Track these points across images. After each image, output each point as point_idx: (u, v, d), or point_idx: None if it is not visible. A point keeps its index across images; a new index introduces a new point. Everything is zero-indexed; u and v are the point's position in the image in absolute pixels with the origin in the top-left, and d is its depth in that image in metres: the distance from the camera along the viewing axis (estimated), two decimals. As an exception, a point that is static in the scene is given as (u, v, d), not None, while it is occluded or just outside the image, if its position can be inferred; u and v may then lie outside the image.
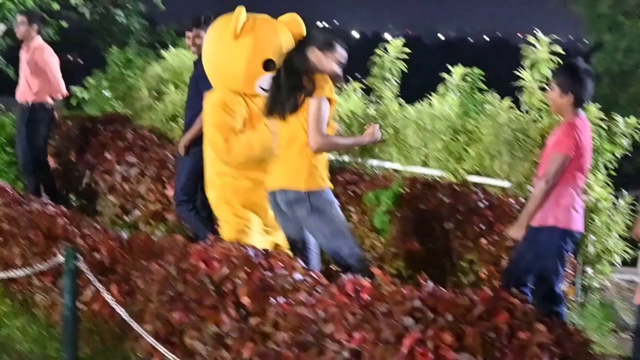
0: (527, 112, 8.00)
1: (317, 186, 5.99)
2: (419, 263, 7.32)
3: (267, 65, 6.57)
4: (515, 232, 6.00)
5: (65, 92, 9.99)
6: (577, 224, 5.91)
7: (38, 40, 10.00)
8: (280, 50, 6.55)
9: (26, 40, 10.05)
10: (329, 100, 5.94)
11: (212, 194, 6.85)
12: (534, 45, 7.86)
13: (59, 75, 9.89)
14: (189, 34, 8.03)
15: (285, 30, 6.74)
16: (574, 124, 5.80)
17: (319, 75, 5.97)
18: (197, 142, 7.45)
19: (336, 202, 6.12)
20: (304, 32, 6.77)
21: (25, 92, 9.99)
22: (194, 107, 7.59)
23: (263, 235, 6.77)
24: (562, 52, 7.75)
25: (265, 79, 6.56)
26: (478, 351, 3.89)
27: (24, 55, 10.09)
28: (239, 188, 6.66)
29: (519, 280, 5.90)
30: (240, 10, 6.52)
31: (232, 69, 6.63)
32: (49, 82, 9.89)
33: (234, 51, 6.59)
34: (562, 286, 6.27)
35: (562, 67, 6.40)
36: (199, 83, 7.48)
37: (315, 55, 6.06)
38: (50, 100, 9.95)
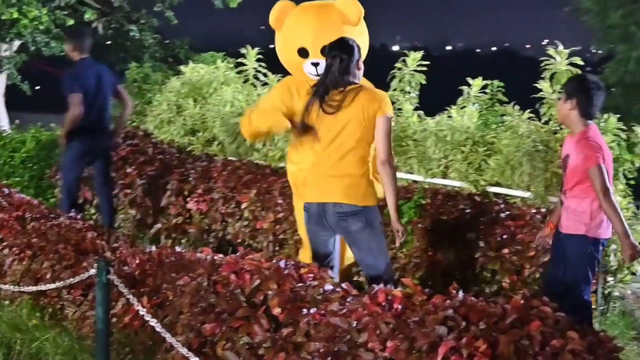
0: (546, 123, 8.06)
1: (374, 202, 6.02)
2: (441, 273, 7.38)
3: (301, 53, 6.75)
4: (631, 249, 5.78)
5: None
6: (607, 232, 5.96)
7: None
8: (312, 36, 6.66)
9: None
10: None
11: None
12: (552, 57, 7.92)
13: None
14: None
15: (327, 15, 6.78)
16: (588, 137, 5.84)
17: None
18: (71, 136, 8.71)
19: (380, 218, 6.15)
20: (360, 12, 6.74)
21: None
22: None
23: None
24: (582, 63, 7.80)
25: (307, 65, 6.73)
26: (512, 359, 3.96)
27: None
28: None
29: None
30: (277, 3, 6.89)
31: (282, 58, 7.03)
32: None
33: (278, 42, 6.99)
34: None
35: (571, 77, 6.50)
36: None
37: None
38: None
